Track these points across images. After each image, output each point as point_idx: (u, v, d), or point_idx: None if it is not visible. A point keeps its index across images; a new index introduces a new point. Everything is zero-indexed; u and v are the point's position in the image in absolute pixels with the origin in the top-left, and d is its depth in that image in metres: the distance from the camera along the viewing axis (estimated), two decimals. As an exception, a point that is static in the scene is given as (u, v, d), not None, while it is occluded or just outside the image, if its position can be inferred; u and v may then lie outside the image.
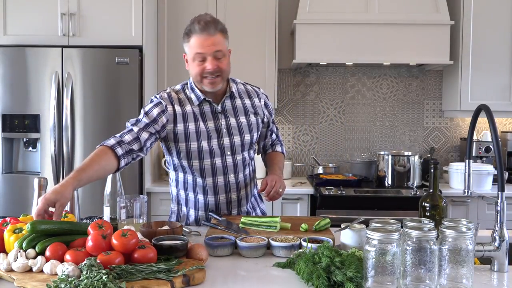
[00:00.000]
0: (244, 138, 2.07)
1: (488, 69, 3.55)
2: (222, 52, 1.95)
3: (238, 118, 2.07)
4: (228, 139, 2.04)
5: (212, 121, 2.03)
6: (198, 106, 2.03)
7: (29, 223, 1.50)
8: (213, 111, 2.04)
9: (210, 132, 2.01)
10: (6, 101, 3.29)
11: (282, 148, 2.34)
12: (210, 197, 2.07)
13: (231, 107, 2.07)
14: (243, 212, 2.16)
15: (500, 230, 1.51)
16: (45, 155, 3.29)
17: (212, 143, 2.01)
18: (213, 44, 1.92)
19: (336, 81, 3.99)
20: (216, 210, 2.09)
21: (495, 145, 1.52)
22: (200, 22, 1.92)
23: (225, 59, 1.97)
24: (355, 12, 3.45)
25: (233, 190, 2.09)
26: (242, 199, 2.13)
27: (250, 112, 2.11)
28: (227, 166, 2.06)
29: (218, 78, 1.96)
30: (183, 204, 2.15)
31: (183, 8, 3.60)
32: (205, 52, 1.92)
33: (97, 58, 3.27)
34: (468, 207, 3.39)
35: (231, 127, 2.05)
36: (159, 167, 3.71)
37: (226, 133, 2.04)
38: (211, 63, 1.93)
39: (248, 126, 2.09)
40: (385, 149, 3.94)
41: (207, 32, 1.91)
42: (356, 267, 1.33)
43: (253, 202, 2.24)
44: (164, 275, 1.34)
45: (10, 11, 3.33)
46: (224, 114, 2.05)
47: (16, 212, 2.24)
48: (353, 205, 3.25)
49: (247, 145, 2.09)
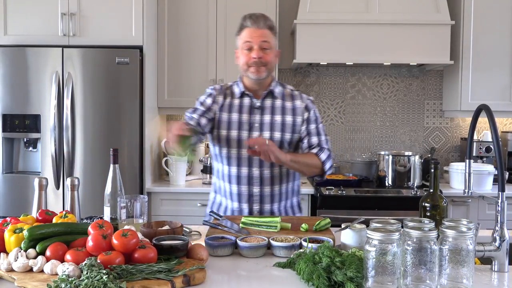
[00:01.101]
0: (273, 135, 2.14)
1: (489, 69, 3.55)
2: (269, 43, 2.11)
3: (274, 116, 2.16)
4: (258, 134, 2.14)
5: (247, 114, 2.16)
6: (239, 98, 2.19)
7: (26, 230, 1.50)
8: (251, 105, 2.17)
9: (242, 123, 2.14)
10: (7, 101, 3.29)
11: (321, 152, 2.15)
12: (233, 186, 2.18)
13: (270, 105, 2.18)
14: (266, 211, 2.18)
15: (501, 230, 1.51)
16: (46, 155, 3.29)
17: (241, 134, 2.14)
18: (260, 36, 2.09)
19: (336, 81, 3.99)
20: (239, 202, 2.17)
21: (495, 145, 1.52)
22: (251, 17, 2.12)
23: (271, 52, 2.12)
24: (356, 12, 3.45)
25: (256, 183, 2.16)
26: (265, 195, 2.16)
27: (288, 113, 2.18)
28: (253, 159, 2.13)
29: (262, 67, 2.10)
30: (218, 192, 2.28)
31: (183, 8, 3.60)
32: (252, 41, 2.09)
33: (97, 58, 3.27)
34: (469, 207, 3.39)
35: (264, 123, 2.15)
36: (159, 167, 3.71)
37: (258, 127, 2.15)
38: (257, 52, 2.08)
39: (281, 125, 2.15)
40: (385, 149, 3.94)
41: (256, 25, 2.10)
42: (356, 267, 1.33)
43: (288, 208, 2.25)
44: (165, 275, 1.34)
45: (10, 11, 3.34)
46: (261, 110, 2.17)
47: (16, 212, 2.24)
48: (354, 205, 3.25)
49: (276, 142, 2.12)
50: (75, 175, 3.27)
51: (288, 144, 2.17)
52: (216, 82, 3.59)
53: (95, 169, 3.26)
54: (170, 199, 3.44)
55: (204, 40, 3.60)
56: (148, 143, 3.43)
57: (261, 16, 2.13)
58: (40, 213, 1.74)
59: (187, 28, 3.60)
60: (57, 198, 3.29)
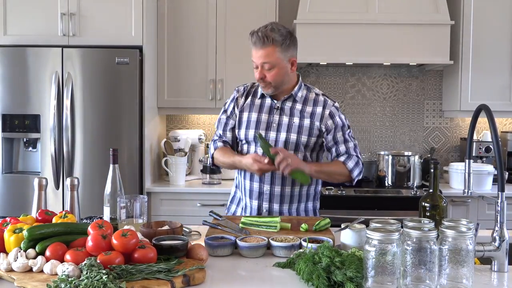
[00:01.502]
0: (290, 136, 2.16)
1: (488, 69, 3.55)
2: (270, 63, 2.09)
3: (292, 118, 2.19)
4: (275, 134, 2.18)
5: (267, 114, 2.21)
6: (261, 98, 2.24)
7: (25, 230, 1.50)
8: (271, 106, 2.22)
9: (260, 123, 2.20)
10: (6, 101, 3.29)
11: (348, 160, 2.18)
12: (247, 181, 2.23)
13: (289, 107, 2.20)
14: (275, 210, 2.19)
15: (500, 230, 1.51)
16: (45, 155, 3.29)
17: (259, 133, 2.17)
18: (261, 56, 2.09)
19: (336, 81, 3.99)
20: (250, 198, 2.21)
21: (495, 145, 1.52)
22: (257, 33, 2.09)
23: (274, 70, 2.10)
24: (355, 12, 3.45)
25: (266, 181, 2.18)
26: (275, 195, 2.18)
27: (306, 116, 2.18)
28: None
29: (268, 85, 2.14)
30: (238, 187, 2.32)
31: (183, 8, 3.60)
32: (256, 61, 2.12)
33: (97, 58, 3.27)
34: (468, 207, 3.39)
35: (282, 123, 2.19)
36: (159, 167, 3.70)
37: (276, 128, 2.19)
38: (259, 74, 2.12)
39: (298, 127, 2.17)
40: (385, 149, 3.94)
41: (259, 45, 2.09)
42: (356, 267, 1.33)
43: (301, 212, 2.24)
44: (164, 275, 1.34)
45: (10, 11, 3.33)
46: (280, 111, 2.20)
47: (16, 212, 2.24)
48: (353, 205, 3.25)
49: (292, 144, 2.16)
50: (74, 175, 3.27)
51: (304, 146, 2.17)
52: (216, 82, 3.59)
53: (95, 169, 3.26)
54: (170, 199, 3.44)
55: (204, 40, 3.60)
56: (148, 143, 3.43)
57: (264, 34, 2.06)
58: (40, 213, 1.74)
59: (187, 28, 3.60)
60: (57, 198, 3.29)
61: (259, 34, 2.07)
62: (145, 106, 3.35)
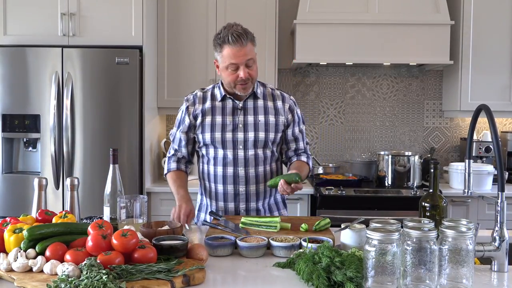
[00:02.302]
0: (258, 135, 2.17)
1: (488, 69, 3.55)
2: (253, 59, 2.10)
3: (256, 116, 2.19)
4: (242, 134, 2.17)
5: (231, 116, 2.18)
6: (221, 101, 2.20)
7: (25, 230, 1.50)
8: (234, 107, 2.19)
9: (225, 125, 2.17)
10: (6, 101, 3.29)
11: (309, 160, 2.30)
12: (219, 185, 2.20)
13: (252, 106, 2.20)
14: (252, 209, 2.21)
15: (500, 230, 1.51)
16: (45, 155, 3.29)
17: (225, 135, 2.17)
18: (245, 54, 2.06)
19: (336, 81, 3.99)
20: (224, 201, 2.19)
21: (495, 145, 1.52)
22: (233, 34, 2.04)
23: (255, 66, 2.13)
24: (355, 12, 3.45)
25: (241, 182, 2.18)
26: (251, 194, 2.19)
27: (270, 113, 2.20)
28: (238, 158, 2.17)
29: (249, 83, 2.12)
30: (204, 194, 2.29)
31: (183, 8, 3.60)
32: (238, 62, 2.07)
33: (97, 58, 3.27)
34: (468, 207, 3.39)
35: (248, 123, 2.18)
36: (159, 167, 3.71)
37: (242, 128, 2.17)
38: (244, 72, 2.07)
39: (265, 125, 2.18)
40: (385, 149, 3.94)
41: (239, 44, 2.04)
42: (356, 267, 1.33)
43: (272, 205, 2.29)
44: (164, 275, 1.34)
45: (10, 11, 3.33)
46: (243, 111, 2.19)
47: (16, 212, 2.24)
48: (353, 205, 3.25)
49: (261, 142, 2.17)
50: (74, 175, 3.27)
51: (272, 143, 2.20)
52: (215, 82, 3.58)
53: (95, 169, 3.26)
54: (169, 199, 3.42)
55: (204, 40, 3.60)
56: (148, 143, 3.43)
57: (242, 31, 2.07)
58: (40, 213, 1.74)
59: (187, 28, 3.60)
60: (57, 198, 3.29)
61: (239, 31, 2.05)
62: (145, 106, 3.35)
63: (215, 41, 2.11)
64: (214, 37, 2.11)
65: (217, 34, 2.10)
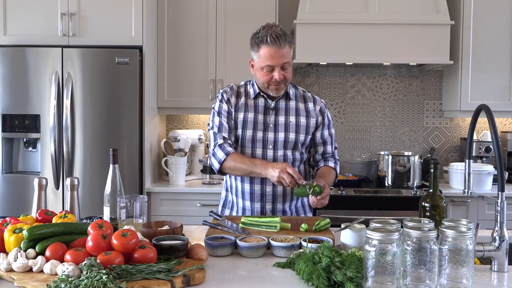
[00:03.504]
0: (288, 136, 2.17)
1: (488, 69, 3.55)
2: (289, 63, 2.09)
3: (288, 117, 2.19)
4: (272, 134, 2.17)
5: (262, 115, 2.18)
6: (254, 99, 2.19)
7: (25, 230, 1.50)
8: (266, 106, 2.19)
9: (257, 123, 2.16)
10: (6, 101, 3.29)
11: (336, 165, 2.27)
12: (246, 184, 2.18)
13: (284, 107, 2.20)
14: (278, 210, 2.20)
15: (500, 230, 1.51)
16: (45, 155, 3.29)
17: (256, 134, 2.16)
18: (282, 57, 2.05)
19: (336, 81, 3.99)
20: (250, 201, 2.18)
21: (495, 145, 1.52)
22: (272, 35, 2.02)
23: (290, 68, 2.11)
24: (355, 12, 3.45)
25: (269, 182, 2.15)
26: (277, 195, 2.18)
27: (302, 114, 2.20)
28: (267, 158, 2.16)
29: (282, 84, 2.12)
30: (230, 190, 2.28)
31: (183, 8, 3.60)
32: (274, 64, 2.05)
33: (97, 58, 3.27)
34: (468, 207, 3.39)
35: (279, 123, 2.18)
36: (159, 167, 3.71)
37: (273, 128, 2.17)
38: (279, 74, 2.07)
39: (295, 126, 2.18)
40: (385, 149, 3.94)
41: (278, 45, 2.03)
42: (356, 267, 1.33)
43: (299, 207, 2.27)
44: (164, 275, 1.34)
45: (10, 11, 3.33)
46: (275, 111, 2.19)
47: (16, 212, 2.24)
48: (353, 205, 3.25)
49: (291, 143, 2.17)
50: (74, 175, 3.27)
51: (301, 144, 2.20)
52: (215, 82, 3.59)
53: (95, 169, 3.26)
54: (169, 199, 3.44)
55: (204, 40, 3.60)
56: (148, 143, 3.43)
57: (281, 32, 2.04)
58: (40, 213, 1.74)
59: (187, 28, 3.60)
60: (57, 198, 3.29)
61: (278, 32, 2.02)
62: (145, 106, 3.35)
63: (252, 40, 2.09)
64: (252, 36, 2.10)
65: (255, 33, 2.08)
